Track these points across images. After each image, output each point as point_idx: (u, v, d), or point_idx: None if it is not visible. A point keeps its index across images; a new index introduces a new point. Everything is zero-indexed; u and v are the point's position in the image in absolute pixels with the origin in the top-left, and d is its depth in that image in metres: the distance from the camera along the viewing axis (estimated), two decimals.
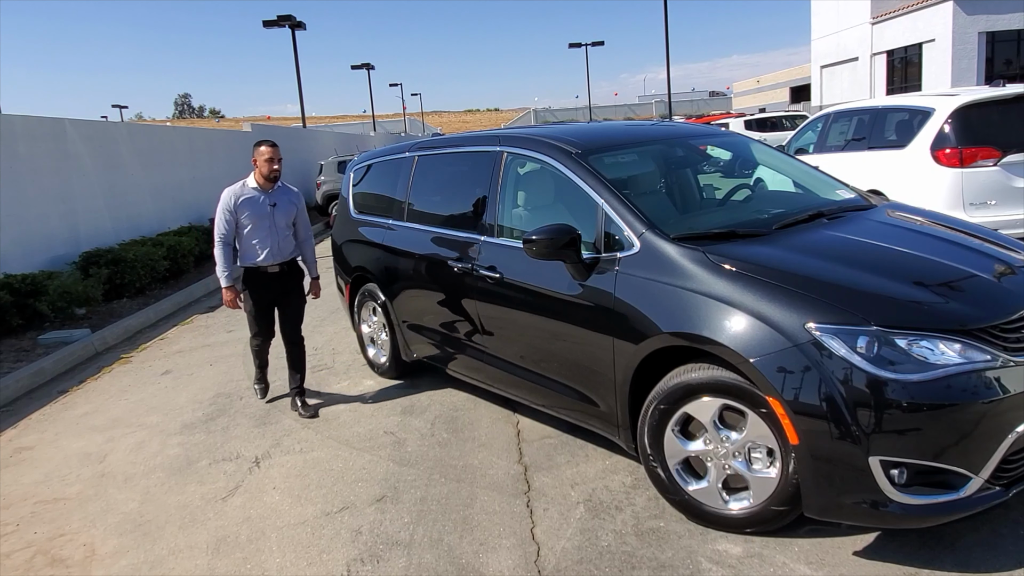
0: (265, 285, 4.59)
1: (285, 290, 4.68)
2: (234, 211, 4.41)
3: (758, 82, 55.33)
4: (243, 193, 4.45)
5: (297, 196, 4.70)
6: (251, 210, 4.43)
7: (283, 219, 4.55)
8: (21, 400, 5.56)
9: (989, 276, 2.85)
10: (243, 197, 4.44)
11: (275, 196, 4.53)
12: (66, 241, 9.27)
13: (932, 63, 25.34)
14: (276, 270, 4.58)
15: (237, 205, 4.42)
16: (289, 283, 4.70)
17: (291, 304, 4.72)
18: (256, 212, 4.44)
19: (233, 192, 4.45)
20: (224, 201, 4.44)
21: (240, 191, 4.46)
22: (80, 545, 3.28)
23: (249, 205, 4.43)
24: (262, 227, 4.46)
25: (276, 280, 4.61)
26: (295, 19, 25.27)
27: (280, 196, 4.56)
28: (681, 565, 2.72)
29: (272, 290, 4.62)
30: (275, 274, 4.58)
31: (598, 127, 4.62)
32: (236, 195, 4.44)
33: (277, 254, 4.55)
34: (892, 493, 2.45)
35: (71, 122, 10.01)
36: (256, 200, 4.46)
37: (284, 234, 4.58)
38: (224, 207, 4.43)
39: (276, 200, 4.52)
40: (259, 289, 4.59)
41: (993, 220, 5.88)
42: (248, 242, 4.48)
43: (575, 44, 44.75)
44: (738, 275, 2.81)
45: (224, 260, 4.46)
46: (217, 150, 15.51)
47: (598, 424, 3.43)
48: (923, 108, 6.78)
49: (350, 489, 3.57)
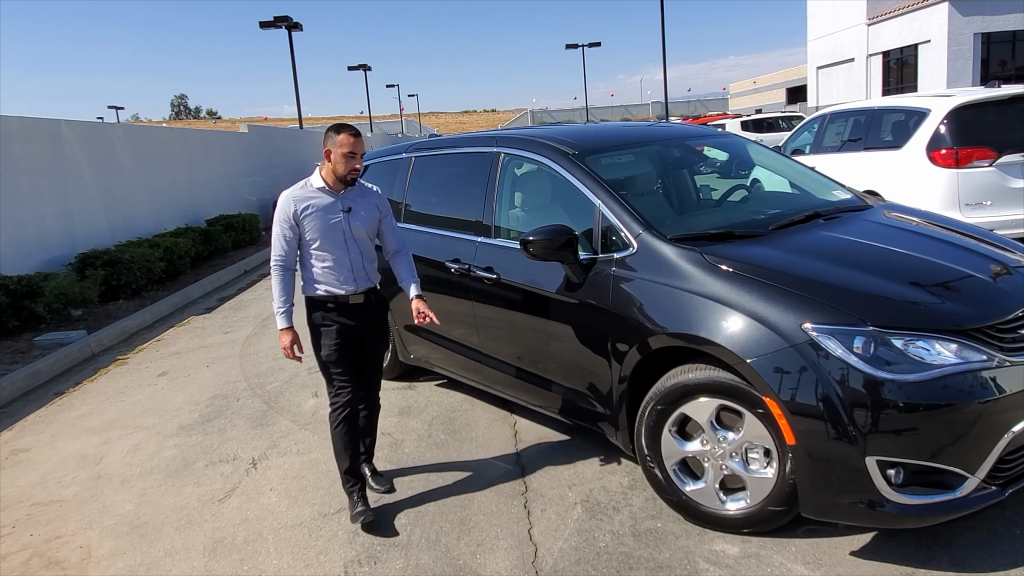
0: (343, 321, 3.27)
1: (370, 330, 3.36)
2: (297, 222, 3.20)
3: (754, 83, 55.40)
4: (308, 197, 3.23)
5: (379, 197, 3.44)
6: (319, 219, 3.20)
7: (363, 229, 3.30)
8: (17, 402, 5.54)
9: (985, 276, 2.86)
10: (308, 202, 3.21)
11: (350, 198, 3.28)
12: (62, 242, 9.24)
13: (928, 64, 25.40)
14: (359, 300, 3.29)
15: (300, 214, 3.19)
16: (373, 319, 3.38)
17: (374, 350, 3.42)
18: (325, 221, 3.21)
19: (293, 197, 3.22)
20: (282, 210, 3.22)
21: (303, 194, 3.23)
22: (76, 547, 3.27)
23: (316, 212, 3.20)
24: (334, 241, 3.23)
25: (358, 315, 3.30)
26: (292, 20, 25.24)
27: (357, 198, 3.31)
28: (678, 565, 2.72)
29: (353, 328, 3.29)
30: (357, 306, 3.29)
31: (595, 128, 4.63)
32: (298, 200, 3.21)
33: (359, 278, 3.28)
34: (889, 493, 2.46)
35: (67, 123, 9.99)
36: (325, 205, 3.22)
37: (365, 249, 3.31)
38: (282, 218, 3.22)
39: (352, 203, 3.28)
40: (333, 326, 3.25)
41: (989, 220, 5.90)
42: (316, 263, 3.24)
43: (572, 45, 44.75)
44: (735, 276, 2.81)
45: (282, 290, 3.23)
46: (214, 151, 15.48)
47: (596, 425, 3.43)
48: (919, 109, 6.81)
49: None
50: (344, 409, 3.27)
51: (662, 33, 29.78)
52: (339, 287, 3.24)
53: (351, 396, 3.28)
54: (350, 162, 3.18)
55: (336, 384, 3.29)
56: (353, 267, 3.25)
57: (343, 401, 3.27)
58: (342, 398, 3.28)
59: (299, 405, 4.85)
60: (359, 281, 3.27)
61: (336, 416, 3.28)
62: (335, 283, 3.24)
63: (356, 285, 3.26)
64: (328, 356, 3.25)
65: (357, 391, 3.31)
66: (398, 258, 3.47)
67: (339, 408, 3.27)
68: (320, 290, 3.25)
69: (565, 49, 46.79)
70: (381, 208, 3.41)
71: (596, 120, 24.48)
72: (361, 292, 3.29)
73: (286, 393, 5.12)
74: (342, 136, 3.17)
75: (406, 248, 3.49)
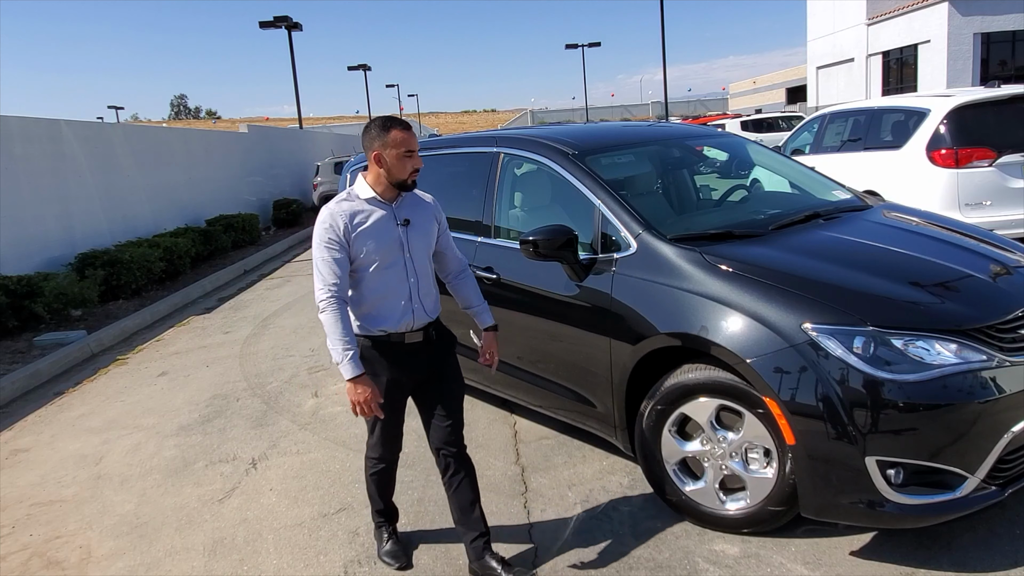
0: (398, 367, 2.65)
1: (435, 370, 2.74)
2: (347, 241, 2.54)
3: (754, 83, 55.42)
4: (357, 209, 2.57)
5: (436, 206, 2.81)
6: (374, 236, 2.56)
7: (422, 246, 2.68)
8: (17, 402, 5.54)
9: (985, 276, 2.86)
10: (359, 216, 2.56)
11: (405, 209, 2.66)
12: (62, 242, 9.24)
13: (928, 64, 25.41)
14: (418, 339, 2.67)
15: (351, 231, 2.54)
16: (439, 358, 2.75)
17: (445, 392, 2.75)
18: (382, 238, 2.57)
19: (341, 211, 2.55)
20: (328, 228, 2.53)
21: (351, 207, 2.57)
22: (76, 547, 3.27)
23: (370, 228, 2.56)
24: (393, 264, 2.60)
25: (417, 356, 2.68)
26: (291, 20, 25.25)
27: (412, 208, 2.68)
28: (678, 565, 2.72)
29: (410, 374, 2.68)
30: (416, 345, 2.67)
31: (595, 128, 4.62)
32: (347, 214, 2.55)
33: (416, 309, 2.64)
34: (888, 493, 2.46)
35: (67, 123, 9.99)
36: (379, 219, 2.59)
37: (423, 272, 2.68)
38: (329, 238, 2.53)
39: (408, 214, 2.65)
40: (385, 372, 2.63)
41: (988, 221, 5.91)
42: (368, 293, 2.60)
43: (572, 45, 44.79)
44: (735, 276, 2.81)
45: (343, 329, 2.48)
46: (214, 151, 15.48)
47: (595, 425, 3.43)
48: (919, 109, 6.81)
49: (347, 490, 3.56)
50: (381, 463, 2.85)
51: (662, 33, 29.81)
52: (393, 323, 2.61)
53: (390, 453, 2.83)
54: (409, 162, 2.56)
55: (377, 437, 2.78)
56: (411, 296, 2.62)
57: (383, 456, 2.82)
58: (384, 452, 2.81)
59: (299, 405, 4.85)
60: (417, 315, 2.63)
61: (371, 468, 2.87)
62: (388, 318, 2.60)
63: (413, 319, 2.63)
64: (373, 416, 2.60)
65: (397, 445, 2.83)
66: (462, 280, 2.88)
67: (376, 460, 2.83)
68: (371, 328, 2.61)
69: (565, 49, 46.88)
70: (440, 220, 2.79)
71: (596, 120, 24.49)
72: (419, 328, 2.65)
73: (286, 393, 5.12)
74: (395, 133, 2.54)
75: (468, 267, 2.92)
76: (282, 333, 6.89)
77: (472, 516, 2.74)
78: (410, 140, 2.56)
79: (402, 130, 2.56)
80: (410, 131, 2.58)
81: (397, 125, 2.57)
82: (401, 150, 2.54)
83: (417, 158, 2.59)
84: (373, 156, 2.57)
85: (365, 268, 2.58)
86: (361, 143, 2.66)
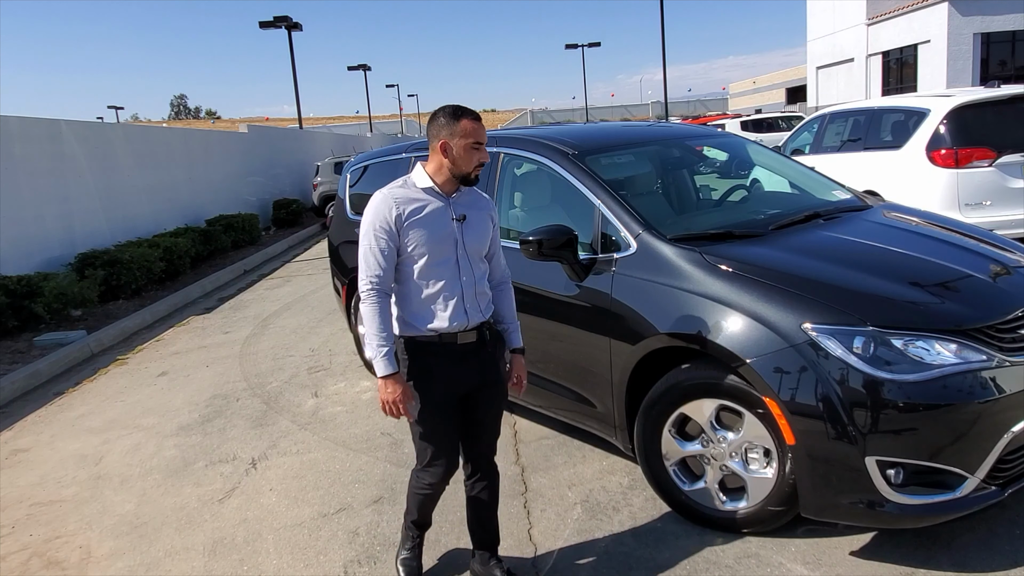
0: (452, 369, 2.47)
1: (483, 377, 2.54)
2: (399, 230, 2.39)
3: (754, 83, 55.44)
4: (412, 198, 2.43)
5: (492, 206, 2.64)
6: (428, 228, 2.41)
7: (477, 245, 2.51)
8: (17, 402, 5.54)
9: (985, 276, 2.86)
10: (414, 205, 2.41)
11: (462, 205, 2.50)
12: (62, 242, 9.24)
13: (927, 64, 25.41)
14: (470, 339, 2.49)
15: (405, 219, 2.39)
16: (488, 363, 2.57)
17: (489, 401, 2.59)
18: (435, 232, 2.42)
19: (394, 197, 2.41)
20: (379, 214, 2.40)
21: (406, 195, 2.43)
22: (76, 547, 3.27)
23: (424, 219, 2.41)
24: (445, 260, 2.44)
25: (469, 360, 2.50)
26: (291, 20, 25.24)
27: (469, 205, 2.52)
28: (678, 566, 2.72)
29: (463, 378, 2.50)
30: (469, 347, 2.49)
31: (595, 128, 4.63)
32: (401, 202, 2.40)
33: (471, 309, 2.47)
34: (888, 493, 2.46)
35: (67, 123, 9.99)
36: (434, 211, 2.43)
37: (478, 271, 2.52)
38: (379, 225, 2.39)
39: (466, 211, 2.49)
40: (438, 378, 2.46)
41: (988, 221, 5.91)
42: (418, 289, 2.44)
43: (572, 45, 44.79)
44: (734, 276, 2.82)
45: (381, 323, 2.39)
46: (213, 151, 15.47)
47: (595, 425, 3.43)
48: (919, 109, 6.81)
49: (347, 490, 3.56)
50: (429, 488, 2.59)
51: (662, 33, 29.81)
52: (446, 322, 2.43)
53: (446, 474, 2.54)
54: (476, 155, 2.42)
55: (430, 455, 2.52)
56: (464, 294, 2.45)
57: (433, 481, 2.56)
58: (436, 476, 2.54)
59: (299, 405, 4.85)
60: (471, 314, 2.46)
61: (418, 488, 2.61)
62: (441, 317, 2.43)
63: (468, 319, 2.45)
64: (425, 421, 2.46)
65: (455, 458, 2.55)
66: (501, 292, 2.66)
67: (429, 483, 2.57)
68: (420, 327, 2.43)
69: (565, 49, 46.90)
70: (495, 221, 2.62)
71: (596, 120, 24.49)
72: (473, 328, 2.48)
73: (286, 393, 5.12)
74: (464, 123, 2.39)
75: (510, 280, 2.71)
76: (282, 333, 6.89)
77: (487, 524, 2.70)
78: (479, 131, 2.42)
79: (472, 120, 2.41)
80: (480, 122, 2.45)
81: (467, 115, 2.42)
82: (469, 141, 2.39)
83: (484, 152, 2.45)
84: (439, 145, 2.41)
85: (414, 262, 2.41)
86: (427, 131, 2.54)
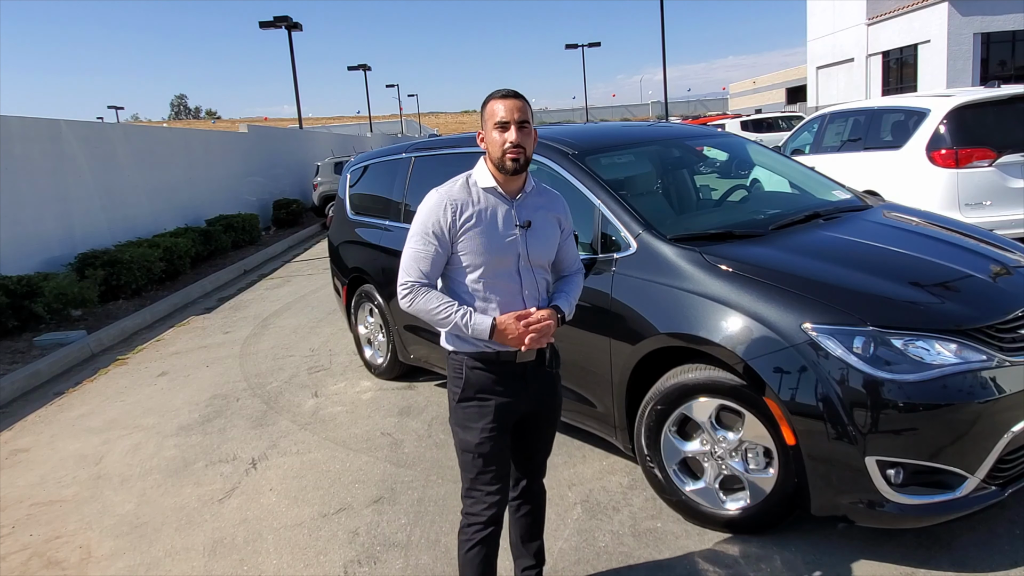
0: (510, 389, 2.22)
1: (541, 398, 2.32)
2: (452, 237, 2.15)
3: (754, 83, 55.43)
4: (470, 201, 2.17)
5: (564, 207, 2.35)
6: (486, 235, 2.15)
7: (542, 254, 2.24)
8: (17, 402, 5.54)
9: (985, 276, 2.87)
10: (472, 209, 2.16)
11: (528, 208, 2.23)
12: (62, 242, 9.24)
13: (928, 64, 25.41)
14: (529, 359, 2.23)
15: (460, 225, 2.14)
16: (547, 386, 2.34)
17: (544, 429, 2.41)
18: (495, 240, 2.16)
19: (451, 199, 2.16)
20: (432, 216, 2.16)
21: (464, 196, 2.18)
22: (76, 547, 3.27)
23: (482, 226, 2.15)
24: (504, 270, 2.17)
25: (527, 381, 2.25)
26: (291, 20, 25.23)
27: (537, 209, 2.25)
28: (678, 565, 2.72)
29: (522, 398, 2.25)
30: (526, 368, 2.24)
31: (595, 128, 4.62)
32: (458, 205, 2.15)
33: None
34: (888, 493, 2.46)
35: (67, 123, 9.98)
36: (495, 216, 2.17)
37: (542, 284, 2.26)
38: (430, 229, 2.15)
39: (531, 215, 2.22)
40: (497, 398, 2.21)
41: (988, 221, 5.91)
42: (472, 302, 2.18)
43: (572, 45, 44.72)
44: (735, 276, 2.82)
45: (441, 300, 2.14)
46: (213, 152, 15.47)
47: (595, 425, 3.43)
48: (919, 109, 6.81)
49: (347, 490, 3.56)
50: (484, 528, 2.22)
51: (662, 33, 29.80)
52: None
53: (498, 509, 2.23)
54: (501, 138, 2.11)
55: (480, 486, 2.22)
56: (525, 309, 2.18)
57: (487, 516, 2.22)
58: (487, 510, 2.22)
59: (299, 405, 4.85)
60: None
61: (471, 535, 2.24)
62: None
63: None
64: (479, 446, 2.19)
65: (506, 490, 2.28)
66: (571, 278, 2.38)
67: (479, 526, 2.23)
68: (475, 342, 2.17)
69: (565, 49, 46.86)
70: (564, 225, 2.33)
71: (596, 120, 24.48)
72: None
73: (286, 393, 5.12)
74: (489, 104, 2.15)
75: (581, 269, 2.43)
76: (282, 333, 6.89)
77: (533, 545, 2.50)
78: (503, 109, 2.11)
79: (497, 99, 2.14)
80: (510, 99, 2.13)
81: (495, 94, 2.16)
82: (492, 121, 2.12)
83: (515, 133, 2.09)
84: (478, 138, 2.22)
85: (467, 272, 2.16)
86: None
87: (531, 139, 2.16)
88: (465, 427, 2.22)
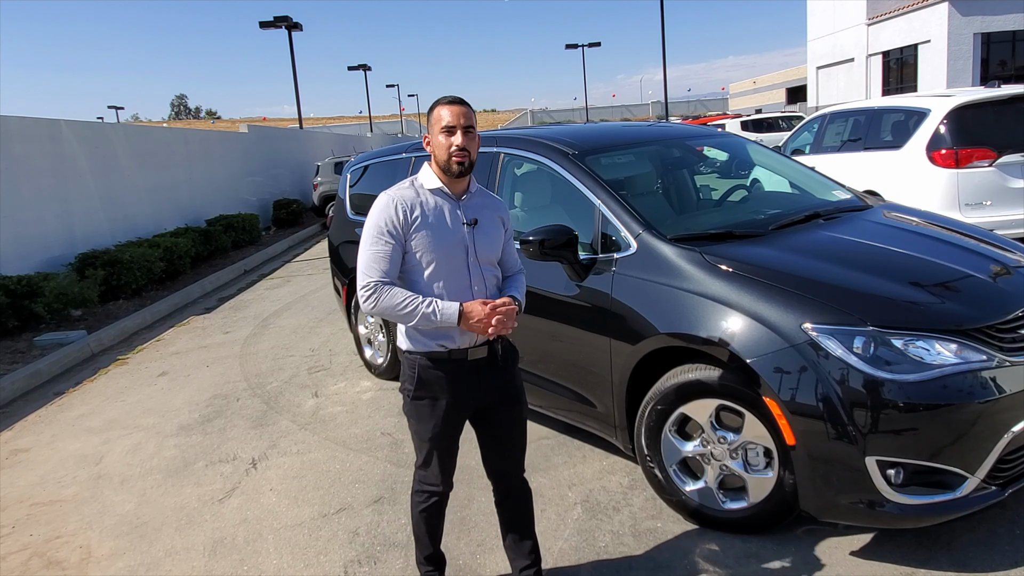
0: (461, 386, 2.33)
1: (499, 392, 2.40)
2: (404, 232, 2.25)
3: (754, 83, 55.43)
4: (418, 200, 2.28)
5: (504, 208, 2.50)
6: (435, 233, 2.26)
7: (488, 251, 2.36)
8: (17, 402, 5.54)
9: (985, 276, 2.86)
10: (419, 208, 2.27)
11: (473, 208, 2.35)
12: (62, 242, 9.24)
13: (928, 64, 25.41)
14: (482, 354, 2.33)
15: (411, 223, 2.25)
16: (505, 376, 2.41)
17: (510, 416, 2.45)
18: (443, 237, 2.27)
19: (401, 198, 2.27)
20: (383, 216, 2.25)
21: (411, 196, 2.29)
22: (76, 547, 3.27)
23: (430, 224, 2.27)
24: (453, 268, 2.29)
25: (482, 373, 2.34)
26: (292, 20, 25.24)
27: (481, 208, 2.37)
28: (678, 565, 2.72)
29: (475, 394, 2.36)
30: (481, 362, 2.33)
31: (595, 128, 4.63)
32: (406, 204, 2.26)
33: None
34: (889, 493, 2.46)
35: (67, 123, 9.98)
36: (442, 215, 2.30)
37: (489, 281, 2.37)
38: (383, 229, 2.24)
39: (477, 214, 2.35)
40: (447, 395, 2.32)
41: (989, 221, 5.91)
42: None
43: (572, 45, 44.79)
44: (735, 276, 2.82)
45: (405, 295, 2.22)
46: (214, 151, 15.47)
47: (595, 425, 3.43)
48: (919, 109, 6.81)
49: (347, 490, 3.56)
50: (432, 497, 2.48)
51: (662, 33, 29.81)
52: (454, 337, 2.27)
53: (444, 487, 2.47)
54: (447, 141, 2.23)
55: (429, 466, 2.42)
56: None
57: (434, 489, 2.47)
58: (433, 485, 2.45)
59: (299, 405, 4.85)
60: None
61: (421, 501, 2.49)
62: (448, 331, 2.26)
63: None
64: (432, 440, 2.35)
65: (450, 479, 2.48)
66: (515, 276, 2.49)
67: (427, 495, 2.48)
68: (429, 343, 2.28)
69: (565, 49, 46.88)
70: (506, 224, 2.46)
71: (596, 120, 24.47)
72: (483, 343, 2.31)
73: (286, 393, 5.12)
74: (436, 110, 2.27)
75: (522, 270, 2.54)
76: (282, 333, 6.89)
77: (526, 544, 2.53)
78: (450, 114, 2.23)
79: (444, 104, 2.26)
80: (456, 105, 2.25)
81: (441, 101, 2.28)
82: (440, 126, 2.24)
83: (460, 137, 2.22)
84: (424, 142, 2.34)
85: (420, 271, 2.26)
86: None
87: (475, 143, 2.30)
88: (418, 419, 2.37)
